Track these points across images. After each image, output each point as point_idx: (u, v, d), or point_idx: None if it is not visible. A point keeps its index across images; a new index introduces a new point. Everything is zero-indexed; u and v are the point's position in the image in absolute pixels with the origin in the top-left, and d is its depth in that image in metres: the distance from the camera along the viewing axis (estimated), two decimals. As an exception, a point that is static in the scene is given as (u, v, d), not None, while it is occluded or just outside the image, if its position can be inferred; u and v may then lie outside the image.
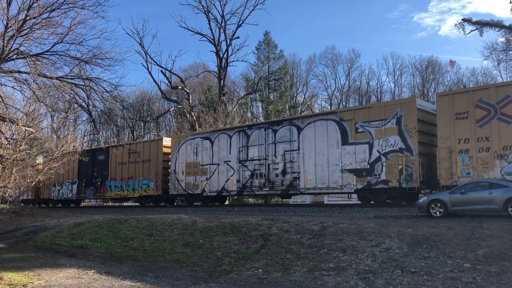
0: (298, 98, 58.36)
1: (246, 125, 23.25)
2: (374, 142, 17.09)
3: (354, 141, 17.60)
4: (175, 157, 24.51)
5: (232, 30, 42.70)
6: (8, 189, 13.78)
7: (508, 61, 42.18)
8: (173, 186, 24.42)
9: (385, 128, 16.88)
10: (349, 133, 17.77)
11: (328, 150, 18.21)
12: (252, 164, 20.82)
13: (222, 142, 22.37)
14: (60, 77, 16.09)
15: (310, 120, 19.17)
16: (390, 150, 16.68)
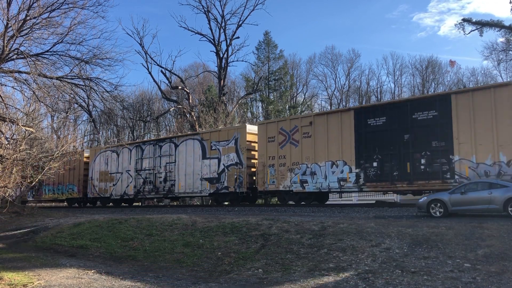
0: (298, 98, 58.38)
1: (141, 141, 28.21)
2: (221, 157, 22.05)
3: (210, 156, 22.56)
4: (92, 166, 29.27)
5: (232, 30, 42.76)
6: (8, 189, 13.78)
7: (508, 61, 42.19)
8: (90, 190, 29.21)
9: (228, 147, 21.80)
10: (207, 150, 22.70)
11: (194, 163, 23.17)
12: (144, 173, 25.78)
13: (125, 154, 27.21)
14: (60, 77, 16.11)
15: (183, 139, 24.15)
16: (230, 164, 21.60)
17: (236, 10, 51.81)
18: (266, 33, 53.88)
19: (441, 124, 15.28)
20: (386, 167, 16.45)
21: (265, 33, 54.03)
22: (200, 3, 41.98)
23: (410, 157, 15.89)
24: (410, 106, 16.16)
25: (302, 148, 18.88)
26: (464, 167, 14.66)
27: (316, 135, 18.49)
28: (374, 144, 16.79)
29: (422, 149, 15.63)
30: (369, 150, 16.88)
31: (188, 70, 57.14)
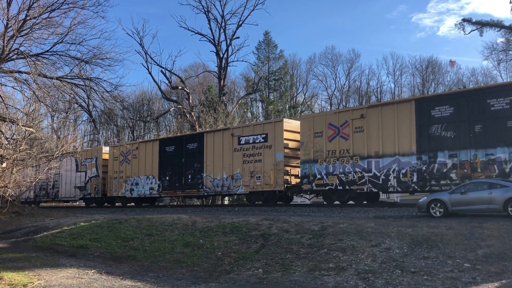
0: (298, 98, 58.37)
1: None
2: (87, 171, 29.46)
3: (80, 170, 30.02)
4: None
5: (232, 30, 42.71)
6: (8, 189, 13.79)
7: (508, 61, 42.16)
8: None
9: (91, 163, 29.35)
10: (79, 165, 30.11)
11: (71, 174, 30.58)
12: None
13: None
14: (60, 77, 16.11)
15: (63, 157, 26.26)
16: (92, 176, 29.11)
17: (236, 10, 51.70)
18: (266, 33, 53.91)
19: (198, 152, 23.09)
20: (173, 180, 24.14)
21: (265, 33, 54.04)
22: (200, 3, 41.97)
23: (184, 173, 23.60)
24: (185, 140, 24.11)
25: (132, 165, 26.62)
26: (208, 180, 22.31)
27: (140, 157, 26.20)
28: (167, 163, 24.57)
29: (189, 168, 23.38)
30: (165, 168, 24.61)
31: (188, 70, 57.15)
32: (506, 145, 13.75)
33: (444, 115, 15.22)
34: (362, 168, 16.87)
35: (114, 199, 28.64)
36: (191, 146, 23.37)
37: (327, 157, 17.82)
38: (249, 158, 20.55)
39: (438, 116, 15.31)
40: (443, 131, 15.10)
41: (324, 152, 17.90)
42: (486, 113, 14.36)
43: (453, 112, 15.03)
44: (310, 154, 18.30)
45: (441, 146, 15.13)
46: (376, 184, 16.53)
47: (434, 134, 15.28)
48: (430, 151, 15.35)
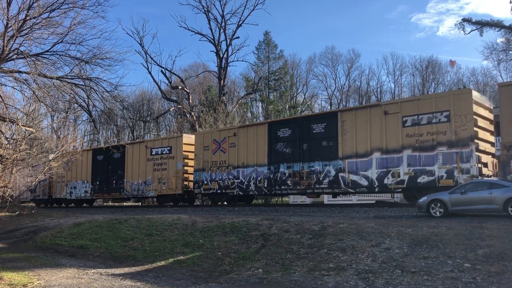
0: (298, 98, 58.40)
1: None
2: None
3: None
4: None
5: (232, 30, 42.73)
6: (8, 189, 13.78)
7: (508, 61, 42.17)
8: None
9: None
10: None
11: None
12: None
13: None
14: (60, 77, 16.08)
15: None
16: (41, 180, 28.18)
17: (236, 10, 51.67)
18: (266, 33, 53.96)
19: (122, 161, 25.99)
20: (102, 184, 27.27)
21: (265, 33, 54.11)
22: (200, 3, 42.00)
23: (110, 179, 26.76)
24: (111, 150, 24.76)
25: (72, 172, 28.77)
26: (128, 185, 25.67)
27: (77, 164, 27.63)
28: (98, 170, 27.72)
29: (114, 175, 26.62)
30: (97, 174, 27.70)
31: (188, 70, 57.17)
32: (321, 160, 18.06)
33: (285, 135, 19.48)
34: (234, 176, 20.94)
35: (60, 201, 31.52)
36: (116, 155, 25.65)
37: (211, 166, 21.92)
38: (158, 167, 24.41)
39: (282, 136, 19.51)
40: (284, 148, 19.30)
41: (210, 163, 21.98)
42: (310, 135, 18.55)
43: (291, 133, 19.23)
44: (200, 164, 22.34)
45: (282, 159, 19.22)
46: (242, 188, 20.57)
47: (278, 150, 19.44)
48: (275, 163, 19.44)
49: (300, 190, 18.72)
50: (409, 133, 15.77)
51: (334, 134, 17.72)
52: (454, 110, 14.90)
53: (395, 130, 16.04)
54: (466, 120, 14.65)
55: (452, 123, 14.92)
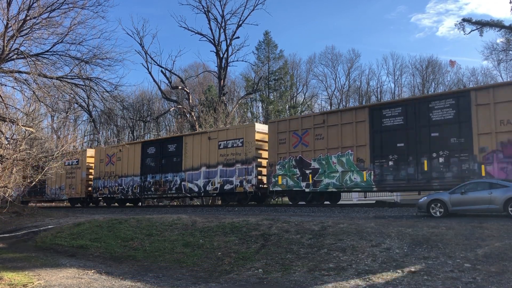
0: (298, 98, 58.35)
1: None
2: None
3: None
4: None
5: (232, 30, 42.64)
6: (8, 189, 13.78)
7: (508, 61, 42.13)
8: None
9: None
10: None
11: None
12: None
13: None
14: (60, 77, 16.09)
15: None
16: None
17: (236, 10, 51.71)
18: (266, 33, 53.92)
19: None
20: (34, 188, 28.84)
21: (265, 33, 54.07)
22: (200, 3, 41.93)
23: (39, 184, 27.37)
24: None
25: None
26: (48, 189, 31.17)
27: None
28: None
29: (42, 180, 26.73)
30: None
31: (188, 70, 57.11)
32: (172, 172, 23.73)
33: (151, 152, 25.12)
34: (118, 183, 26.76)
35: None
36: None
37: (104, 175, 27.67)
38: (70, 175, 29.75)
39: (150, 153, 25.22)
40: (151, 162, 25.02)
41: (103, 172, 27.75)
42: (167, 153, 24.28)
43: (155, 151, 25.03)
44: (97, 173, 28.13)
45: (149, 171, 24.92)
46: (124, 193, 26.42)
47: (147, 164, 25.14)
48: (145, 174, 25.21)
49: (159, 195, 24.68)
50: (222, 153, 21.51)
51: (180, 153, 23.30)
52: (246, 138, 20.63)
53: (214, 151, 21.80)
54: (251, 146, 20.39)
55: (244, 147, 20.65)
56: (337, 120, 17.89)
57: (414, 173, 15.69)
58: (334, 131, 17.89)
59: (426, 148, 15.48)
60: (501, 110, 14.13)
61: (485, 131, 14.34)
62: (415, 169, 15.68)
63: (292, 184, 18.82)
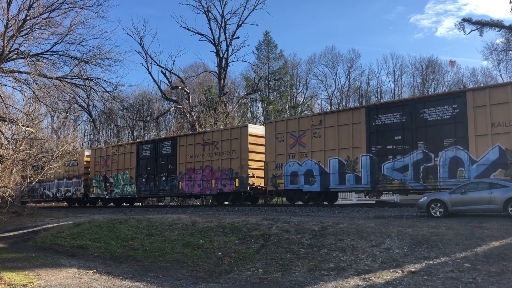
0: (298, 98, 58.30)
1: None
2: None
3: None
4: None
5: (232, 30, 42.62)
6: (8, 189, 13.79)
7: (508, 61, 42.11)
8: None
9: None
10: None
11: None
12: None
13: None
14: (60, 77, 16.07)
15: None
16: None
17: (236, 10, 51.59)
18: (266, 33, 53.90)
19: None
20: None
21: (265, 33, 54.04)
22: (200, 3, 41.91)
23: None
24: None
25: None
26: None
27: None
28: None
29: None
30: None
31: (188, 70, 57.09)
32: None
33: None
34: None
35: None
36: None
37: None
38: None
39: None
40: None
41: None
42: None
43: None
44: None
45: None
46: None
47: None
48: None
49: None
50: (66, 170, 30.90)
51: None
52: (80, 159, 30.44)
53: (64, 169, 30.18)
54: (81, 165, 30.64)
55: (78, 167, 30.78)
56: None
57: (153, 186, 25.24)
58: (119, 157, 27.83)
59: (159, 170, 24.95)
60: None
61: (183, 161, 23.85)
62: (154, 183, 25.17)
63: (100, 192, 28.45)
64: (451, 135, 14.88)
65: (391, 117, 16.40)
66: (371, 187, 16.56)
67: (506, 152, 13.69)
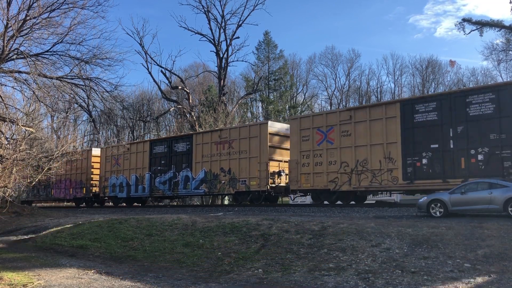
0: (298, 98, 58.30)
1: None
2: None
3: None
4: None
5: (232, 30, 42.64)
6: (8, 189, 13.79)
7: (508, 61, 42.07)
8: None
9: None
10: None
11: None
12: None
13: None
14: (60, 77, 16.08)
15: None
16: None
17: (236, 10, 51.54)
18: (266, 33, 53.93)
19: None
20: None
21: (265, 33, 54.07)
22: (200, 3, 41.92)
23: None
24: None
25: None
26: None
27: None
28: None
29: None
30: None
31: (188, 70, 57.07)
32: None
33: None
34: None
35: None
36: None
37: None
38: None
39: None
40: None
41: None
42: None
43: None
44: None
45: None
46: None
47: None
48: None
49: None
50: None
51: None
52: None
53: None
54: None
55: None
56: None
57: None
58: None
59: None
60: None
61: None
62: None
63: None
64: (186, 161, 24.02)
65: (161, 148, 26.00)
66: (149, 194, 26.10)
67: (207, 173, 22.71)
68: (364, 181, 17.06)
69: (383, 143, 16.75)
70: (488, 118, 14.56)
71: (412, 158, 16.02)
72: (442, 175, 15.30)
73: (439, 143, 15.48)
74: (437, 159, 15.47)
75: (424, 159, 15.86)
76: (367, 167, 17.03)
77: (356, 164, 17.32)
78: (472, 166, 14.72)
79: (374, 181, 16.85)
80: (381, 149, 16.75)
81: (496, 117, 14.41)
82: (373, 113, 17.21)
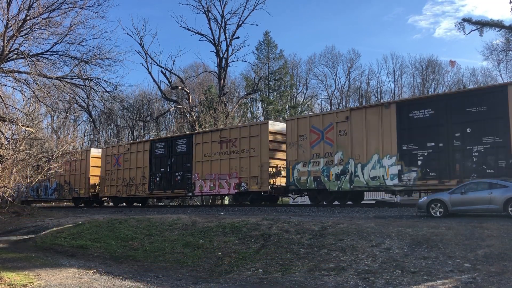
0: (298, 98, 58.35)
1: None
2: None
3: None
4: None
5: (232, 30, 42.63)
6: (8, 189, 13.78)
7: (508, 61, 42.08)
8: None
9: None
10: None
11: None
12: None
13: None
14: (60, 77, 16.06)
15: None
16: None
17: (236, 10, 51.54)
18: (266, 33, 53.98)
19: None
20: None
21: (265, 33, 54.15)
22: (200, 3, 41.91)
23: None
24: None
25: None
26: None
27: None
28: None
29: None
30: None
31: (188, 70, 57.10)
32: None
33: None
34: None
35: None
36: None
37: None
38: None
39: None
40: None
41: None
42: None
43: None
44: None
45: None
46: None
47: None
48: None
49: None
50: None
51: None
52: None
53: None
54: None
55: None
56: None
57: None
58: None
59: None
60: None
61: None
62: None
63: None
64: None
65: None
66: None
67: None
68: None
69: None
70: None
71: None
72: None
73: None
74: None
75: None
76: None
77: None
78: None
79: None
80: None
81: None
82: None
